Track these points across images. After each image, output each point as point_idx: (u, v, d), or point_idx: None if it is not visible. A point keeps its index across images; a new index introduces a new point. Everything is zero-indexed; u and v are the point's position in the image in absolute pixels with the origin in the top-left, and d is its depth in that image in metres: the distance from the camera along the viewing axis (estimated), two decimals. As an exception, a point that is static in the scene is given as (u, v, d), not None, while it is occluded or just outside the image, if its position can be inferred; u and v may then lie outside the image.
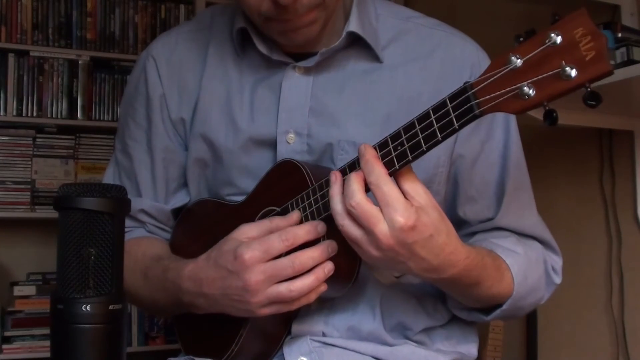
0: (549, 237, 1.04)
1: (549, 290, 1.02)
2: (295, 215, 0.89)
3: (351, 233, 0.79)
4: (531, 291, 0.97)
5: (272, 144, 0.99)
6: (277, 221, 0.88)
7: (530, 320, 2.32)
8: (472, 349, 1.04)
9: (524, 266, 0.95)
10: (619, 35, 1.54)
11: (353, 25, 0.97)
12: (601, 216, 2.10)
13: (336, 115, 0.98)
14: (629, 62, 1.53)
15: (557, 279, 1.00)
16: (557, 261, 1.04)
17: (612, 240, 2.07)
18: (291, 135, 0.98)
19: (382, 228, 0.76)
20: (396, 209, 0.76)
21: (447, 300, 1.01)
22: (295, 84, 0.99)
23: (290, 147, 0.98)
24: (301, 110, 0.98)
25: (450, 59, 1.00)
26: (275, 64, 1.00)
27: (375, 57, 0.99)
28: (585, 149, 2.12)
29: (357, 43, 0.99)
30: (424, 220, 0.77)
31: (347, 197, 0.78)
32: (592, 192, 2.13)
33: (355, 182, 0.79)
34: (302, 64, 0.99)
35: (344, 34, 0.97)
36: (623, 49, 1.54)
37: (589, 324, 2.14)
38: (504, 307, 0.94)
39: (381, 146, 0.80)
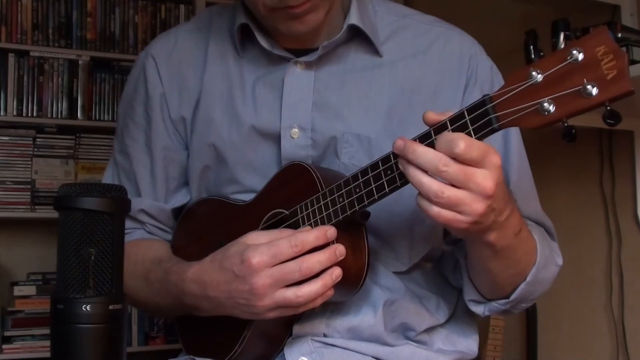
0: (549, 224, 1.04)
1: (555, 271, 1.00)
2: (306, 229, 0.87)
3: (454, 197, 0.74)
4: (547, 263, 0.95)
5: (275, 138, 1.00)
6: (288, 233, 0.86)
7: (530, 320, 2.32)
8: (472, 345, 1.05)
9: (539, 235, 0.95)
10: (619, 35, 1.55)
11: (353, 19, 0.98)
12: (601, 216, 2.10)
13: (339, 109, 0.99)
14: (629, 62, 1.53)
15: (559, 260, 1.00)
16: (556, 245, 1.04)
17: (612, 240, 2.07)
18: (295, 130, 0.98)
19: (483, 173, 0.74)
20: (492, 152, 0.74)
21: (465, 294, 1.00)
22: (298, 79, 0.99)
23: (295, 142, 0.98)
24: (304, 105, 0.99)
25: (448, 52, 1.02)
26: (277, 60, 1.01)
27: (375, 51, 1.01)
28: (585, 149, 2.12)
29: (357, 37, 1.00)
30: None
31: (436, 163, 0.74)
32: (592, 191, 2.13)
33: (431, 151, 0.75)
34: (304, 59, 0.99)
35: (344, 26, 0.98)
36: (623, 49, 1.55)
37: (589, 324, 2.14)
38: (529, 278, 0.92)
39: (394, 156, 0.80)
